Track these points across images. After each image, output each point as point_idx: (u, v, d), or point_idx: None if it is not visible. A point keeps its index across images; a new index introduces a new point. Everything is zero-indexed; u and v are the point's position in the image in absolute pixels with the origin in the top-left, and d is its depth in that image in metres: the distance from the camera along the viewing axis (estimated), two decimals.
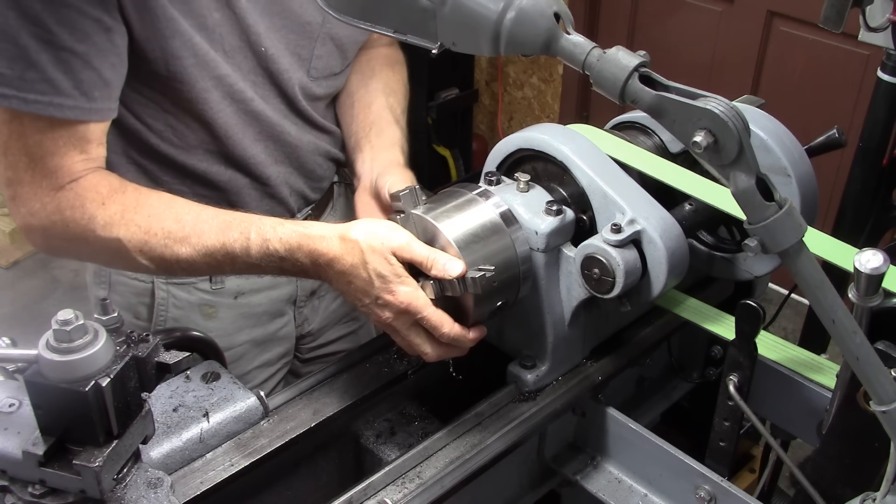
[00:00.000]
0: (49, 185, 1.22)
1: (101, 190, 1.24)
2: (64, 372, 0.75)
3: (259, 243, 1.20)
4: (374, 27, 0.96)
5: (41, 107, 1.16)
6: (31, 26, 1.12)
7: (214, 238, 1.21)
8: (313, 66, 1.45)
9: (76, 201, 1.23)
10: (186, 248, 1.21)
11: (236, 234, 1.21)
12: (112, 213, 1.23)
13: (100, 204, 1.22)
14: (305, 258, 1.19)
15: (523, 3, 0.86)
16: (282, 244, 1.19)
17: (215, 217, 1.23)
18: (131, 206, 1.23)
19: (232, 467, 1.11)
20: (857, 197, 2.11)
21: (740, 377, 1.21)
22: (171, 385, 1.17)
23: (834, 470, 1.06)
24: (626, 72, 0.85)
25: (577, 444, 1.35)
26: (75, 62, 1.16)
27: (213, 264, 1.23)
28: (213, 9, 1.28)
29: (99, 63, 1.19)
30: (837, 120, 1.68)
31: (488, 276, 1.13)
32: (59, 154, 1.21)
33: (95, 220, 1.22)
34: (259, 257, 1.20)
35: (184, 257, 1.22)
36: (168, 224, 1.22)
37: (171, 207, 1.25)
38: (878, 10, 1.88)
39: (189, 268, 1.25)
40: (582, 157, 1.19)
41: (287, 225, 1.21)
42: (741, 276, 1.34)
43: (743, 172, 0.84)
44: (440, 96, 4.21)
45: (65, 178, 1.22)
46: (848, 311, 0.87)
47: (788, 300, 1.42)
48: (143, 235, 1.22)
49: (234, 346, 1.60)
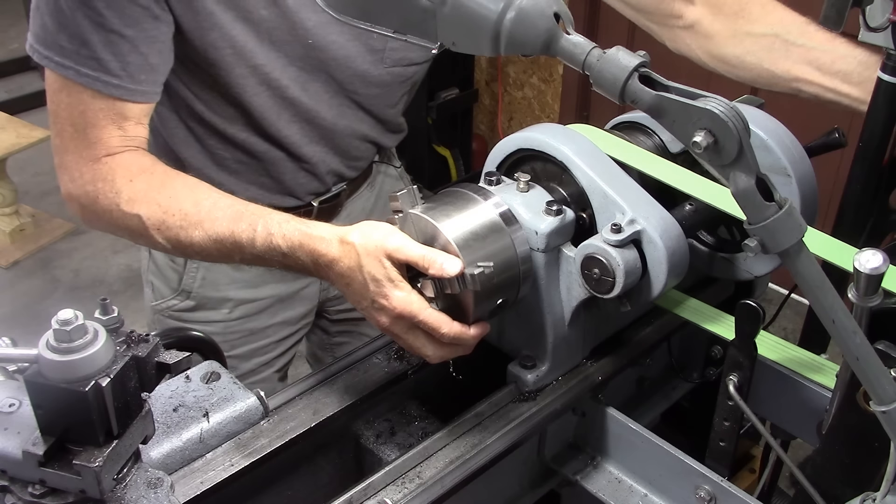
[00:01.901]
0: (88, 155, 1.30)
1: (133, 168, 1.31)
2: (64, 372, 0.75)
3: (264, 237, 1.23)
4: (374, 27, 0.96)
5: (90, 80, 1.26)
6: (84, 8, 1.22)
7: (225, 226, 1.26)
8: (387, 56, 1.51)
9: (108, 174, 1.30)
10: (199, 233, 1.27)
11: (245, 224, 1.25)
12: (137, 189, 1.29)
13: (128, 180, 1.30)
14: (306, 257, 1.21)
15: (523, 3, 0.86)
16: (284, 241, 1.22)
17: (230, 206, 1.28)
18: (156, 185, 1.30)
19: (232, 467, 1.11)
20: (857, 197, 2.11)
21: (740, 377, 1.21)
22: (171, 385, 1.17)
23: (834, 470, 1.06)
24: (626, 72, 0.85)
25: (577, 444, 1.35)
26: (123, 45, 1.25)
27: (224, 251, 1.28)
28: (260, 6, 1.35)
29: (146, 48, 1.27)
30: (837, 120, 1.68)
31: (487, 273, 1.13)
32: (98, 126, 1.29)
33: (121, 195, 1.29)
34: (263, 250, 1.24)
35: (197, 241, 1.27)
36: (186, 207, 1.28)
37: (192, 191, 1.31)
38: (878, 10, 1.88)
39: (201, 252, 1.30)
40: (582, 157, 1.19)
41: (292, 223, 1.24)
42: (741, 276, 1.34)
43: (743, 172, 0.84)
44: (440, 96, 4.22)
45: (101, 150, 1.30)
46: (848, 311, 0.87)
47: (788, 300, 1.42)
48: (161, 215, 1.28)
49: (259, 299, 1.70)
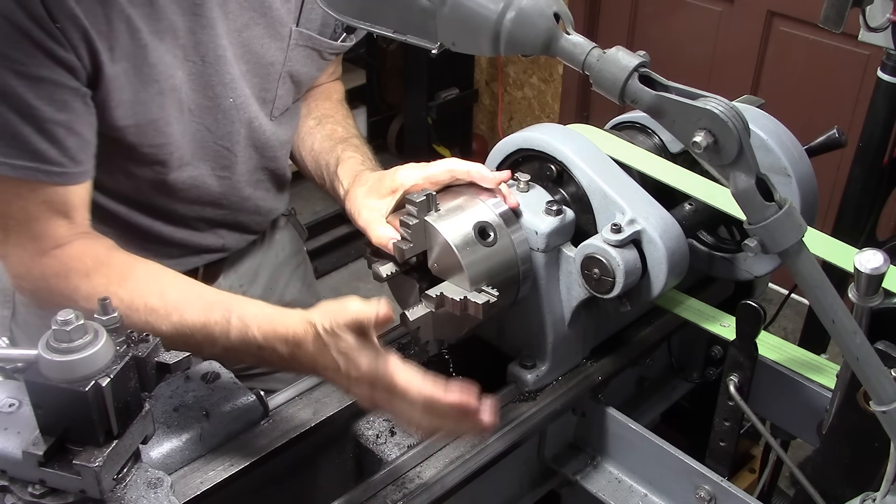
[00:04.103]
0: (34, 248, 1.22)
1: (87, 261, 1.22)
2: (64, 372, 0.75)
3: (239, 328, 1.16)
4: (374, 27, 0.96)
5: (30, 172, 1.17)
6: (9, 102, 1.12)
7: (195, 317, 1.18)
8: (276, 107, 1.44)
9: (61, 270, 1.22)
10: (167, 326, 1.19)
11: (217, 315, 1.17)
12: (95, 285, 1.21)
13: (84, 275, 1.21)
14: (283, 347, 1.14)
15: (523, 4, 0.86)
16: (259, 332, 1.14)
17: (199, 297, 1.21)
18: (115, 279, 1.21)
19: (232, 467, 1.11)
20: (857, 197, 2.11)
21: (741, 377, 1.21)
22: (171, 385, 1.17)
23: (834, 470, 1.06)
24: (625, 72, 0.85)
25: (577, 444, 1.35)
26: (58, 130, 1.17)
27: (192, 343, 1.18)
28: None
29: (80, 127, 1.19)
30: (837, 120, 1.68)
31: (491, 303, 1.11)
32: (42, 219, 1.21)
33: (79, 292, 1.21)
34: (237, 342, 1.16)
35: (164, 333, 1.19)
36: (151, 300, 1.20)
37: (156, 281, 1.23)
38: (878, 10, 1.89)
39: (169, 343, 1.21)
40: (582, 157, 1.19)
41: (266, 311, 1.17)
42: (741, 276, 1.34)
43: (743, 172, 0.84)
44: (440, 96, 4.21)
45: (49, 243, 1.21)
46: (848, 311, 0.87)
47: (788, 300, 1.42)
48: (125, 310, 1.16)
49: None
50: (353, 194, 1.36)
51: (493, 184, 1.20)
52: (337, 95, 1.64)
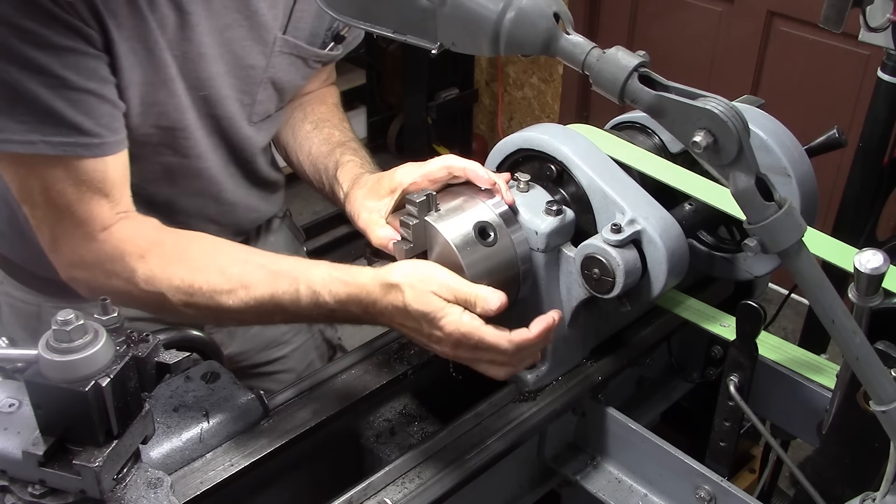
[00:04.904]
0: (82, 234, 1.20)
1: (139, 242, 1.21)
2: (64, 372, 0.75)
3: (308, 295, 1.17)
4: (374, 27, 0.96)
5: (69, 147, 1.14)
6: (38, 76, 1.10)
7: (262, 290, 1.18)
8: (255, 112, 1.43)
9: (114, 253, 1.20)
10: (234, 301, 1.19)
11: (285, 285, 1.18)
12: (153, 266, 1.20)
13: (139, 257, 1.20)
14: (356, 307, 1.16)
15: (523, 3, 0.86)
16: (331, 296, 1.16)
17: (261, 267, 1.21)
18: (172, 259, 1.21)
19: (232, 467, 1.11)
20: (857, 197, 2.12)
21: (741, 377, 1.21)
22: (171, 385, 1.17)
23: (834, 470, 1.06)
24: (625, 72, 0.85)
25: (577, 444, 1.35)
26: (91, 100, 1.15)
27: (263, 314, 1.21)
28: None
29: (110, 94, 1.18)
30: (837, 120, 1.68)
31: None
32: (84, 201, 1.18)
33: (137, 275, 1.20)
34: (309, 308, 1.18)
35: (233, 308, 1.20)
36: (213, 278, 1.19)
37: (213, 258, 1.22)
38: (878, 10, 1.89)
39: (237, 318, 1.23)
40: (582, 157, 1.19)
41: (334, 274, 1.18)
42: (741, 276, 1.34)
43: (743, 172, 0.84)
44: (440, 96, 4.22)
45: (96, 226, 1.20)
46: (848, 311, 0.87)
47: (788, 300, 1.42)
48: (187, 289, 1.20)
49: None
50: (353, 196, 1.36)
51: (486, 184, 1.20)
52: (332, 100, 1.65)
